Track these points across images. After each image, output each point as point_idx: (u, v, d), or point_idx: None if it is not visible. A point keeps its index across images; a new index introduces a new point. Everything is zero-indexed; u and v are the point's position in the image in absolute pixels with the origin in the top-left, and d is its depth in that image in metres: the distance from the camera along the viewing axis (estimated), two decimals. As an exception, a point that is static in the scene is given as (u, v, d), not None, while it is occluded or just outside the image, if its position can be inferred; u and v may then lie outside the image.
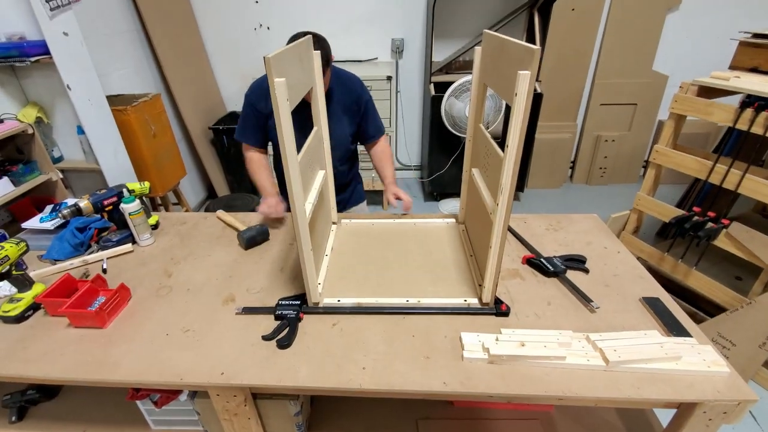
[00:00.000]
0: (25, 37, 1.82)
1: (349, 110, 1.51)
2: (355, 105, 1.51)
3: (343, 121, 1.51)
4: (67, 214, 1.23)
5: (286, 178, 0.83)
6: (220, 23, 3.22)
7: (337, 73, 1.49)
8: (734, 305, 1.72)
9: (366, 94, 1.53)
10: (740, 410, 0.77)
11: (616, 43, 3.16)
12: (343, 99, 1.49)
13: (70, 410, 1.11)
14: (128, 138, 2.32)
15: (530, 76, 0.71)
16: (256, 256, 1.25)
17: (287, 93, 0.76)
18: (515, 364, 0.84)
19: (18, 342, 0.95)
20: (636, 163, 3.57)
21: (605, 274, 1.12)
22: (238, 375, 0.84)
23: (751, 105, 1.58)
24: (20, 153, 1.88)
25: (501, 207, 0.85)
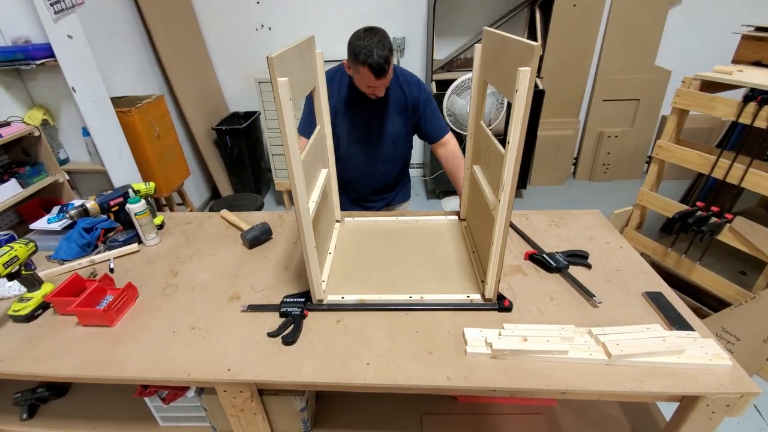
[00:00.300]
0: (30, 41, 1.84)
1: (404, 110, 1.50)
2: (411, 105, 1.50)
3: (395, 122, 1.51)
4: (74, 215, 1.24)
5: (289, 177, 0.84)
6: (222, 24, 3.23)
7: (396, 71, 1.48)
8: (738, 300, 1.71)
9: (424, 94, 1.51)
10: (743, 403, 0.77)
11: (618, 38, 3.15)
12: (399, 98, 1.49)
13: (79, 408, 1.13)
14: (133, 139, 2.34)
15: (530, 72, 0.71)
16: (261, 255, 1.26)
17: (290, 92, 0.76)
18: (518, 359, 0.85)
19: (28, 341, 0.97)
20: (639, 158, 3.56)
21: (608, 270, 1.12)
22: (244, 371, 0.86)
23: (754, 99, 1.58)
24: (27, 155, 1.90)
25: (503, 203, 0.85)
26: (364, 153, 1.55)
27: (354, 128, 1.51)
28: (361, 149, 1.54)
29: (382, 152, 1.56)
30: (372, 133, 1.52)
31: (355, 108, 1.49)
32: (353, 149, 1.54)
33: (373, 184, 1.64)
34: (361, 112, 1.49)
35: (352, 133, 1.52)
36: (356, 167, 1.58)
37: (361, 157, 1.56)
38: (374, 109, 1.49)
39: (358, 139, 1.52)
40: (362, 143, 1.53)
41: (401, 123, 1.52)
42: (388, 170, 1.63)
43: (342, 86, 1.49)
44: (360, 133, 1.52)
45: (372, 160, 1.57)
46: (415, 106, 1.50)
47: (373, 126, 1.51)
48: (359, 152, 1.55)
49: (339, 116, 1.49)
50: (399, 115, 1.51)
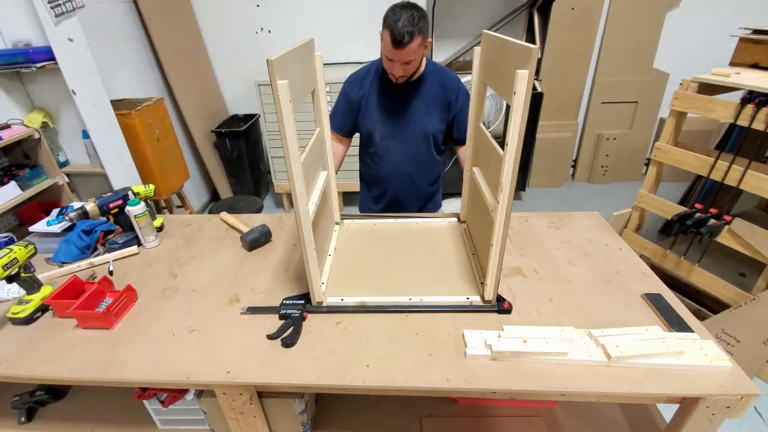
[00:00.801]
0: (30, 44, 1.85)
1: (441, 106, 1.48)
2: (449, 102, 1.47)
3: (431, 115, 1.48)
4: (73, 217, 1.24)
5: (289, 180, 0.84)
6: (222, 27, 3.24)
7: (437, 68, 1.48)
8: (738, 302, 1.71)
9: (464, 92, 1.48)
10: (743, 405, 0.77)
11: (616, 41, 3.16)
12: (437, 93, 1.46)
13: (78, 411, 1.12)
14: (132, 142, 2.34)
15: (528, 74, 0.72)
16: (260, 257, 1.26)
17: (290, 95, 0.77)
18: (518, 361, 0.85)
19: (27, 343, 0.97)
20: (638, 161, 3.57)
21: (607, 271, 1.12)
22: (243, 374, 0.85)
23: (752, 101, 1.58)
24: (27, 158, 1.90)
25: (502, 205, 0.86)
26: (397, 147, 1.51)
27: (386, 120, 1.48)
28: (394, 143, 1.51)
29: (416, 148, 1.52)
30: (405, 126, 1.48)
31: (386, 97, 1.46)
32: (387, 144, 1.51)
33: (407, 183, 1.59)
34: (394, 101, 1.46)
35: (385, 125, 1.48)
36: (391, 163, 1.54)
37: (395, 151, 1.52)
38: (408, 99, 1.46)
39: (391, 132, 1.49)
40: (396, 137, 1.50)
41: (437, 118, 1.48)
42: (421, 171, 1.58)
43: (375, 77, 1.47)
44: (392, 125, 1.48)
45: (405, 156, 1.53)
46: (453, 104, 1.47)
47: (406, 117, 1.47)
48: (392, 146, 1.51)
49: (369, 107, 1.47)
50: (435, 109, 1.47)
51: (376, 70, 1.48)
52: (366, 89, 1.47)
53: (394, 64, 1.32)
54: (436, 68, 1.48)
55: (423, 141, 1.52)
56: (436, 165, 1.63)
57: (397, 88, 1.44)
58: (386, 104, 1.47)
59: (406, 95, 1.45)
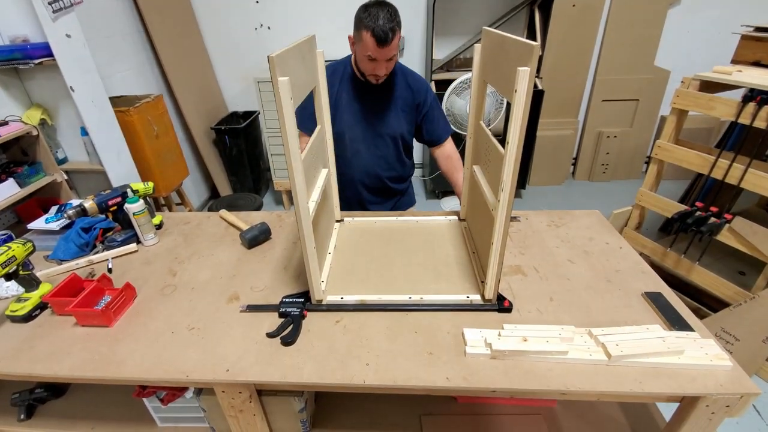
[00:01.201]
0: (28, 40, 1.84)
1: (410, 108, 1.49)
2: (417, 103, 1.48)
3: (399, 118, 1.48)
4: (72, 215, 1.24)
5: (289, 177, 0.84)
6: (221, 24, 3.23)
7: (404, 69, 1.48)
8: (737, 300, 1.71)
9: (431, 95, 1.50)
10: (743, 404, 0.77)
11: (617, 38, 3.15)
12: (405, 95, 1.47)
13: (78, 408, 1.12)
14: (131, 139, 2.34)
15: (530, 72, 0.71)
16: (260, 255, 1.26)
17: (291, 92, 0.76)
18: (518, 360, 0.85)
19: (26, 341, 0.97)
20: (638, 159, 3.57)
21: (607, 270, 1.12)
22: (243, 372, 0.85)
23: (754, 99, 1.58)
24: (25, 155, 1.90)
25: (502, 204, 0.85)
26: (367, 150, 1.51)
27: (357, 123, 1.47)
28: (364, 146, 1.50)
29: (386, 149, 1.52)
30: (374, 129, 1.48)
31: (357, 100, 1.45)
32: (356, 147, 1.50)
33: (376, 185, 1.60)
34: (364, 104, 1.45)
35: (355, 128, 1.47)
36: (359, 165, 1.53)
37: (364, 154, 1.52)
38: (377, 101, 1.45)
39: (361, 134, 1.49)
40: (365, 140, 1.50)
41: (405, 120, 1.49)
42: (389, 172, 1.59)
43: (344, 78, 1.45)
44: (362, 128, 1.48)
45: (374, 158, 1.53)
46: (420, 105, 1.48)
47: (375, 120, 1.47)
48: (362, 148, 1.51)
49: (339, 109, 1.45)
50: (403, 111, 1.48)
51: (344, 72, 1.46)
52: (335, 89, 1.44)
53: (378, 64, 1.31)
54: (402, 69, 1.48)
55: (392, 143, 1.52)
56: (405, 166, 1.64)
57: (367, 90, 1.43)
58: (357, 106, 1.46)
59: (375, 97, 1.45)
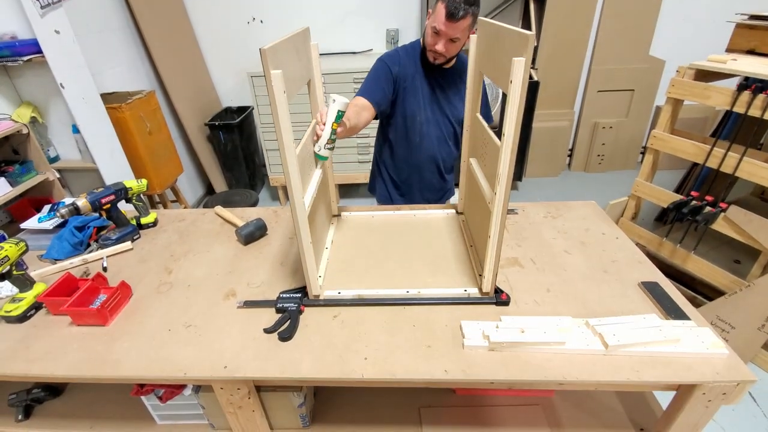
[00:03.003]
0: (16, 36, 1.81)
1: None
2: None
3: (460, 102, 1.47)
4: (65, 214, 1.22)
5: (284, 172, 0.83)
6: (213, 17, 3.18)
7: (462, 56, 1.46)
8: (733, 288, 1.73)
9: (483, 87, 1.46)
10: (739, 391, 0.78)
11: (612, 28, 3.14)
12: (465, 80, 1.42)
13: (76, 408, 1.12)
14: (124, 136, 2.31)
15: (525, 62, 0.71)
16: (256, 251, 1.25)
17: (284, 85, 0.75)
18: (516, 351, 0.85)
19: (21, 341, 0.96)
20: (634, 149, 3.57)
21: (604, 260, 1.12)
22: (241, 368, 0.85)
23: (749, 87, 1.58)
24: (16, 153, 1.87)
25: (499, 196, 0.85)
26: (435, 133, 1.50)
27: (427, 105, 1.46)
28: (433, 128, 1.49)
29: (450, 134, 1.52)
30: (442, 111, 1.48)
31: (428, 82, 1.44)
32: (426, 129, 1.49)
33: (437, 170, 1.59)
34: (435, 87, 1.45)
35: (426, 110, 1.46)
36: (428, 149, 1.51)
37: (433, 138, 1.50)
38: (447, 85, 1.46)
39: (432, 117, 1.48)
40: (435, 123, 1.49)
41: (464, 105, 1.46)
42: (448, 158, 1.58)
43: (417, 62, 1.44)
44: (431, 111, 1.47)
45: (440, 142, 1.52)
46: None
47: (444, 103, 1.48)
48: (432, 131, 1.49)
49: (412, 91, 1.44)
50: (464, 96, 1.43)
51: (416, 54, 1.44)
52: (410, 70, 1.43)
53: (440, 39, 1.28)
54: (462, 57, 1.47)
55: (452, 127, 1.53)
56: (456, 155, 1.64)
57: (439, 73, 1.43)
58: (429, 88, 1.46)
59: (446, 81, 1.46)
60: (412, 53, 1.45)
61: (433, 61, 1.37)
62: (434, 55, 1.35)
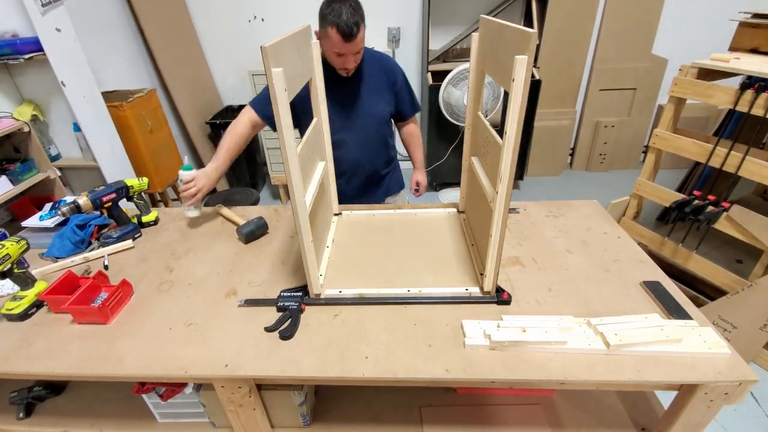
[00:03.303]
0: (17, 35, 1.81)
1: (385, 89, 1.50)
2: (391, 82, 1.50)
3: (378, 102, 1.49)
4: (66, 212, 1.22)
5: (285, 171, 0.82)
6: (214, 16, 3.18)
7: (372, 53, 1.48)
8: (735, 288, 1.72)
9: (400, 72, 1.53)
10: (741, 391, 0.78)
11: (614, 27, 3.13)
12: (379, 77, 1.47)
13: (77, 405, 1.12)
14: (125, 134, 2.31)
15: (527, 60, 0.70)
16: (257, 250, 1.25)
17: (285, 83, 0.75)
18: (517, 350, 0.85)
19: (22, 339, 0.96)
20: (636, 148, 3.56)
21: (605, 260, 1.12)
22: (242, 366, 0.85)
23: (752, 86, 1.57)
24: (17, 151, 1.88)
25: (500, 195, 0.85)
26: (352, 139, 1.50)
27: (336, 113, 1.44)
28: (348, 135, 1.49)
29: (369, 135, 1.52)
30: (356, 117, 1.48)
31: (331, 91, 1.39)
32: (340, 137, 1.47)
33: (365, 172, 1.59)
34: (341, 94, 1.44)
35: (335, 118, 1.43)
36: (346, 157, 1.51)
37: (350, 143, 1.50)
38: (353, 90, 1.45)
39: (343, 125, 1.47)
40: (348, 129, 1.48)
41: (384, 101, 1.51)
42: (376, 156, 1.59)
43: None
44: (343, 118, 1.46)
45: (359, 146, 1.52)
46: (395, 83, 1.51)
47: (354, 109, 1.47)
48: (347, 138, 1.49)
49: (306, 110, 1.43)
50: (379, 92, 1.49)
51: None
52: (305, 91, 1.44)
53: (347, 58, 1.31)
54: (371, 53, 1.48)
55: (375, 127, 1.53)
56: (389, 148, 1.66)
57: (342, 79, 1.41)
58: (334, 97, 1.43)
59: (351, 85, 1.45)
60: None
61: (347, 74, 1.39)
62: (347, 72, 1.37)
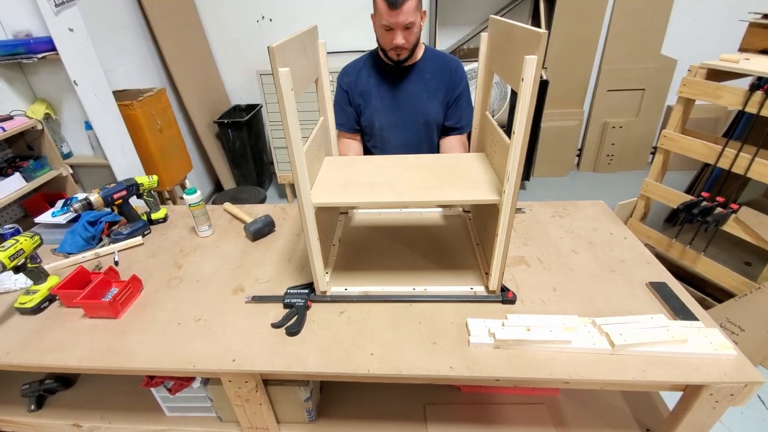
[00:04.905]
0: (31, 34, 1.84)
1: (441, 90, 1.43)
2: (451, 85, 1.43)
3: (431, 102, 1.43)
4: (78, 208, 1.25)
5: (292, 169, 0.84)
6: (222, 16, 3.20)
7: (435, 51, 1.45)
8: (743, 291, 1.70)
9: (465, 78, 1.44)
10: (747, 392, 0.77)
11: (623, 27, 3.10)
12: (439, 75, 1.41)
13: (87, 398, 1.14)
14: (135, 133, 2.34)
15: (537, 60, 0.70)
16: (264, 247, 1.26)
17: (292, 82, 0.76)
18: (521, 349, 0.85)
19: (35, 332, 0.98)
20: (644, 149, 3.53)
21: (612, 260, 1.11)
22: (248, 362, 0.86)
23: (761, 87, 1.55)
24: (30, 149, 1.91)
25: (507, 195, 0.85)
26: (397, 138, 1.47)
27: (386, 109, 1.44)
28: (394, 134, 1.46)
29: (416, 137, 1.48)
30: (405, 115, 1.45)
31: (386, 86, 1.42)
32: (386, 135, 1.47)
33: None
34: (393, 89, 1.42)
35: (384, 114, 1.45)
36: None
37: (395, 143, 1.47)
38: (405, 86, 1.43)
39: (392, 122, 1.45)
40: (396, 128, 1.46)
41: (438, 104, 1.45)
42: None
43: (370, 67, 1.44)
44: (392, 115, 1.44)
45: (404, 147, 1.48)
46: (454, 87, 1.43)
47: (406, 106, 1.44)
48: (392, 137, 1.47)
49: (371, 97, 1.43)
50: (436, 95, 1.43)
51: (372, 60, 1.45)
52: (364, 79, 1.44)
53: (395, 33, 1.26)
54: (435, 53, 1.45)
55: (424, 130, 1.48)
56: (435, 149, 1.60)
57: (396, 74, 1.39)
58: (385, 93, 1.43)
59: (405, 82, 1.41)
60: (368, 61, 1.44)
61: (398, 58, 1.33)
62: (397, 52, 1.31)
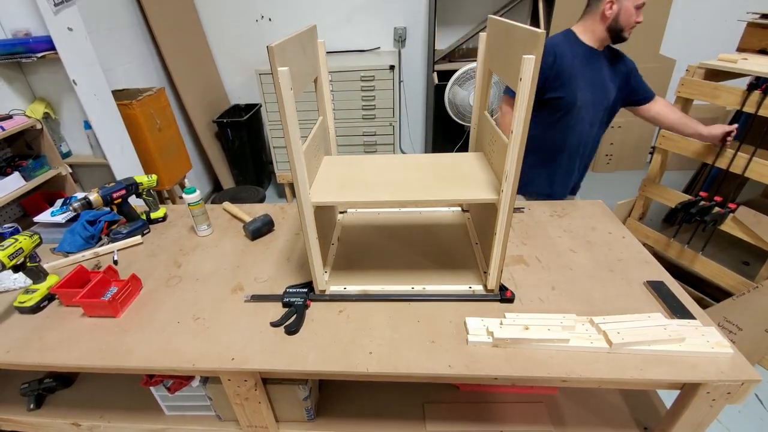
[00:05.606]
0: (30, 33, 1.84)
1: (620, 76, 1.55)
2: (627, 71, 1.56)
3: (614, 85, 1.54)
4: (77, 208, 1.25)
5: (291, 168, 0.84)
6: (222, 15, 3.21)
7: None
8: (741, 290, 1.71)
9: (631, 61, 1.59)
10: (744, 390, 0.78)
11: (622, 27, 3.11)
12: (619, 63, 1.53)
13: (86, 397, 1.14)
14: (134, 132, 2.34)
15: (535, 60, 0.71)
16: (263, 247, 1.27)
17: (291, 82, 0.76)
18: (519, 348, 0.85)
19: (34, 331, 0.98)
20: (642, 149, 3.54)
21: (610, 259, 1.12)
22: (248, 360, 0.87)
23: (759, 87, 1.56)
24: (30, 148, 1.90)
25: (506, 194, 0.85)
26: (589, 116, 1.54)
27: (587, 88, 1.50)
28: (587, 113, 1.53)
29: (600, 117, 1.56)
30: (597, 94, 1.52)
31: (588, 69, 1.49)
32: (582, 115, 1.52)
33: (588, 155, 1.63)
34: (593, 73, 1.50)
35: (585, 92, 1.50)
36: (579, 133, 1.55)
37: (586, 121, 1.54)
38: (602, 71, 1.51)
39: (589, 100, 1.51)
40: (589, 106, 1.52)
41: (616, 88, 1.55)
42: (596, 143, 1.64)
43: (575, 48, 1.50)
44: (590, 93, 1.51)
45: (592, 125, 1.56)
46: (629, 73, 1.57)
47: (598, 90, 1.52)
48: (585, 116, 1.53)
49: (576, 78, 1.48)
50: (615, 79, 1.54)
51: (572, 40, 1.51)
52: (567, 57, 1.48)
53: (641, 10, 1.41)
54: None
55: (607, 111, 1.57)
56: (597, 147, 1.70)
57: (595, 57, 1.48)
58: (587, 73, 1.50)
59: (600, 65, 1.50)
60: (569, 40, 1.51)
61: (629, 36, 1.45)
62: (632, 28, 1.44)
